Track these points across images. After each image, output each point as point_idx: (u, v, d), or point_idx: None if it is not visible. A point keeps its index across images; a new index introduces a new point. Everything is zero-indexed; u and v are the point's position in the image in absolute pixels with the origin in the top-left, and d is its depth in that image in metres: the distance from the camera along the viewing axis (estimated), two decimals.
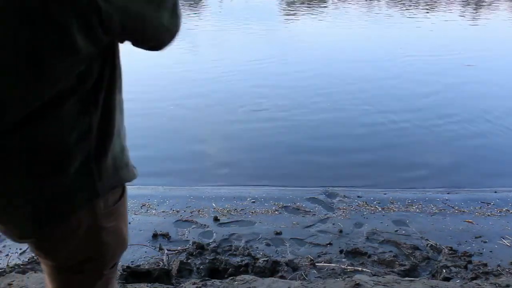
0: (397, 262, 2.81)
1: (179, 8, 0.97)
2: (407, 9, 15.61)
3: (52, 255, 1.06)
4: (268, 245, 3.04)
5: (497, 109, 6.12)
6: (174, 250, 2.92)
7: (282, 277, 2.59)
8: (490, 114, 5.94)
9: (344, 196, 3.82)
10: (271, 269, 2.71)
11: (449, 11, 15.35)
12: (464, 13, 15.18)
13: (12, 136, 0.89)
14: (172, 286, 2.42)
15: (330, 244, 3.04)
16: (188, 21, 12.46)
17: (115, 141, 1.00)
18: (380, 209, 3.61)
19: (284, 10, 15.42)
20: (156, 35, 0.97)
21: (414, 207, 3.67)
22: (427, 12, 14.83)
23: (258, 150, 4.89)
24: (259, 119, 5.79)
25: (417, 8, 15.82)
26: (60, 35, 0.82)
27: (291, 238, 3.12)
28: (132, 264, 2.73)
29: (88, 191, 0.97)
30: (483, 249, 3.01)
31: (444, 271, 2.69)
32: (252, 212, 3.55)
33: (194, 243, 2.98)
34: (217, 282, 2.38)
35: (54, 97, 0.88)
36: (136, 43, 0.97)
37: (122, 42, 0.97)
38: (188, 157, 4.79)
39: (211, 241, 3.07)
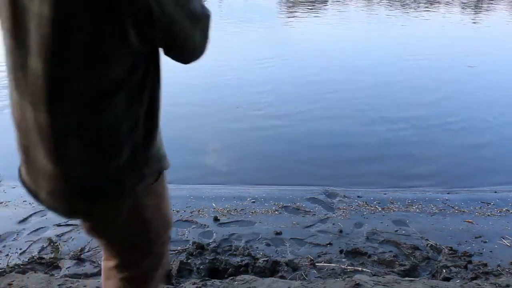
0: (397, 262, 2.81)
1: (209, 32, 1.08)
2: (407, 10, 15.61)
3: (101, 233, 1.19)
4: (268, 245, 3.04)
5: (498, 109, 6.13)
6: (174, 250, 2.91)
7: (282, 277, 2.59)
8: (491, 115, 5.95)
9: (344, 196, 3.82)
10: (271, 269, 2.71)
11: (450, 12, 15.34)
12: (464, 13, 15.18)
13: (71, 122, 0.99)
14: (172, 286, 2.41)
15: (330, 244, 3.04)
16: None
17: (158, 134, 1.12)
18: (380, 209, 3.61)
19: (284, 10, 15.42)
20: (189, 47, 1.06)
21: (414, 207, 3.67)
22: (428, 12, 14.82)
23: (258, 151, 4.89)
24: (259, 120, 5.79)
25: (418, 8, 15.82)
26: (118, 29, 0.91)
27: (291, 238, 3.12)
28: None
29: (136, 177, 1.07)
30: (483, 249, 3.00)
31: (444, 271, 2.69)
32: (252, 212, 3.55)
33: (194, 243, 2.98)
34: (217, 282, 2.38)
35: (108, 88, 0.97)
36: (169, 51, 1.05)
37: (159, 47, 1.04)
38: (188, 158, 4.79)
39: (211, 241, 3.07)
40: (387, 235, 3.17)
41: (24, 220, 3.42)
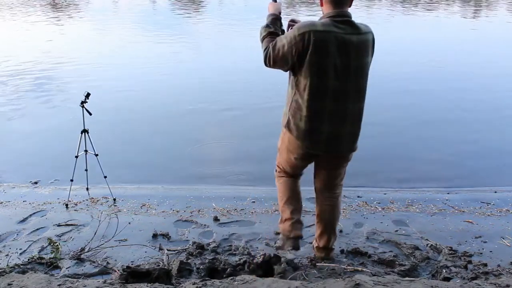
0: (397, 262, 2.80)
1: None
2: (407, 10, 15.59)
3: (342, 164, 2.63)
4: (268, 245, 3.04)
5: (499, 109, 6.13)
6: (174, 250, 2.92)
7: (282, 277, 2.58)
8: (492, 115, 5.94)
9: (344, 196, 3.80)
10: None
11: (451, 11, 15.31)
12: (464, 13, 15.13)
13: (350, 110, 2.42)
14: (172, 286, 2.41)
15: None
16: (190, 26, 12.38)
17: None
18: (380, 209, 3.61)
19: (284, 10, 15.41)
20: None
21: (414, 207, 3.67)
22: (427, 12, 14.81)
23: (258, 152, 4.89)
24: (259, 121, 5.79)
25: (419, 8, 15.79)
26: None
27: None
28: (132, 264, 2.73)
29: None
30: (483, 249, 3.00)
31: (444, 271, 2.68)
32: (252, 212, 3.55)
33: (194, 243, 2.98)
34: (217, 282, 2.37)
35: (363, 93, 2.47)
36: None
37: None
38: (188, 158, 4.79)
39: (211, 241, 3.07)
40: (387, 235, 3.17)
41: (24, 220, 3.43)
